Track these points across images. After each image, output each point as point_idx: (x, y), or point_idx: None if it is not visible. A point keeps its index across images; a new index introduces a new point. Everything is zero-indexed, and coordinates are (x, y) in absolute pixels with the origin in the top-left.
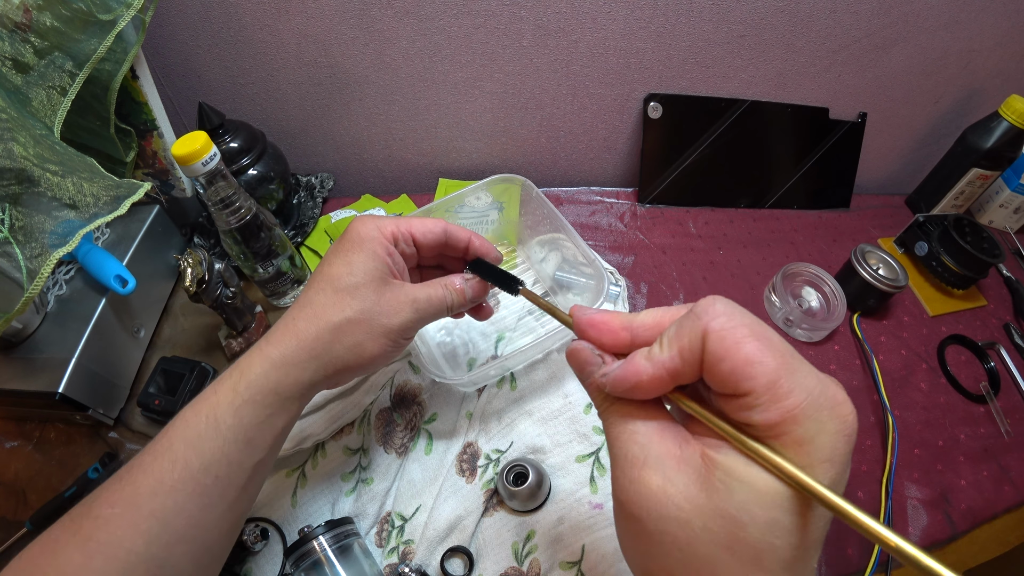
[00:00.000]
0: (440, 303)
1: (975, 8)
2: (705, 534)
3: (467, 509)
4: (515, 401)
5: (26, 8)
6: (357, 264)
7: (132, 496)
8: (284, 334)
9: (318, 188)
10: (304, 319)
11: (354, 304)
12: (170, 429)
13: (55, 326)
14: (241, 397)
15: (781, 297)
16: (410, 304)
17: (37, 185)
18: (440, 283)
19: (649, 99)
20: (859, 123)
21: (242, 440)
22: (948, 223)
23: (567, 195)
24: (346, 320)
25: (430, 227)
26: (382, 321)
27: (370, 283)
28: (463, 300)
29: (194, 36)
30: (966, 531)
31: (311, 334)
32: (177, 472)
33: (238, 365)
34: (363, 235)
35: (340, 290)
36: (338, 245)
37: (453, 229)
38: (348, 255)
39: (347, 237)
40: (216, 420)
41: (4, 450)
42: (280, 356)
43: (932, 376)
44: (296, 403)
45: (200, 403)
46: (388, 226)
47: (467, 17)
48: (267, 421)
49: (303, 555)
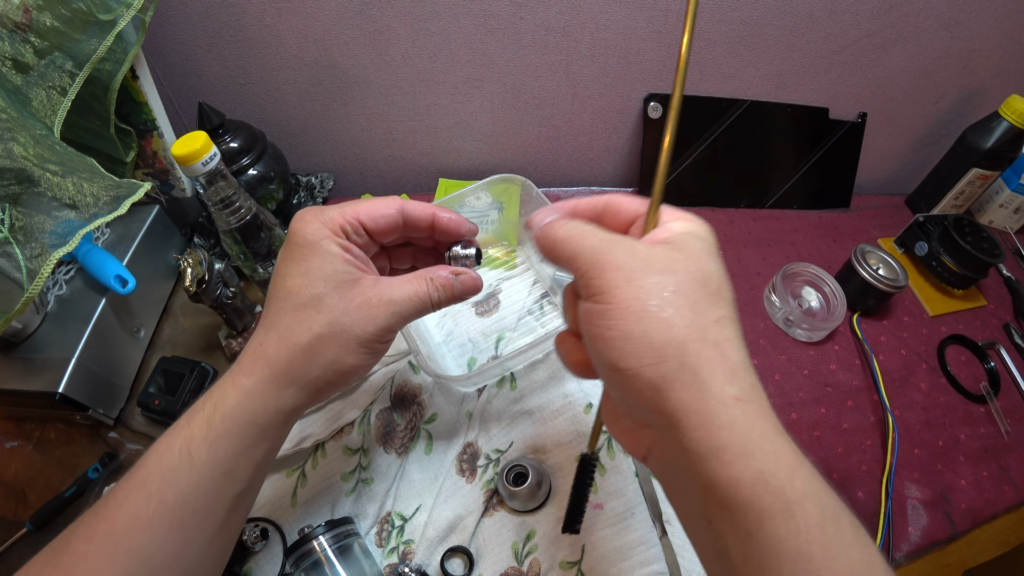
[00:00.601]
0: (423, 301)
1: (975, 8)
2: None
3: (467, 509)
4: (515, 401)
5: (26, 8)
6: (313, 272)
7: (108, 532)
8: (254, 361)
9: (318, 188)
10: (272, 344)
11: (320, 319)
12: (145, 461)
13: (55, 326)
14: (216, 431)
15: (781, 297)
16: (386, 307)
17: (37, 185)
18: (423, 276)
19: (649, 99)
20: (859, 123)
21: (219, 473)
22: (948, 223)
23: (567, 195)
24: (316, 338)
25: (382, 211)
26: (355, 332)
27: (334, 291)
28: (451, 296)
29: (194, 36)
30: (966, 531)
31: (283, 360)
32: (152, 507)
33: (211, 395)
34: (309, 237)
35: (301, 306)
36: (286, 252)
37: (411, 208)
38: (300, 263)
39: (292, 242)
40: (190, 454)
41: (4, 450)
42: (254, 386)
43: (932, 376)
44: (278, 431)
45: (174, 435)
46: (334, 219)
47: (467, 17)
48: (245, 453)
49: (303, 555)
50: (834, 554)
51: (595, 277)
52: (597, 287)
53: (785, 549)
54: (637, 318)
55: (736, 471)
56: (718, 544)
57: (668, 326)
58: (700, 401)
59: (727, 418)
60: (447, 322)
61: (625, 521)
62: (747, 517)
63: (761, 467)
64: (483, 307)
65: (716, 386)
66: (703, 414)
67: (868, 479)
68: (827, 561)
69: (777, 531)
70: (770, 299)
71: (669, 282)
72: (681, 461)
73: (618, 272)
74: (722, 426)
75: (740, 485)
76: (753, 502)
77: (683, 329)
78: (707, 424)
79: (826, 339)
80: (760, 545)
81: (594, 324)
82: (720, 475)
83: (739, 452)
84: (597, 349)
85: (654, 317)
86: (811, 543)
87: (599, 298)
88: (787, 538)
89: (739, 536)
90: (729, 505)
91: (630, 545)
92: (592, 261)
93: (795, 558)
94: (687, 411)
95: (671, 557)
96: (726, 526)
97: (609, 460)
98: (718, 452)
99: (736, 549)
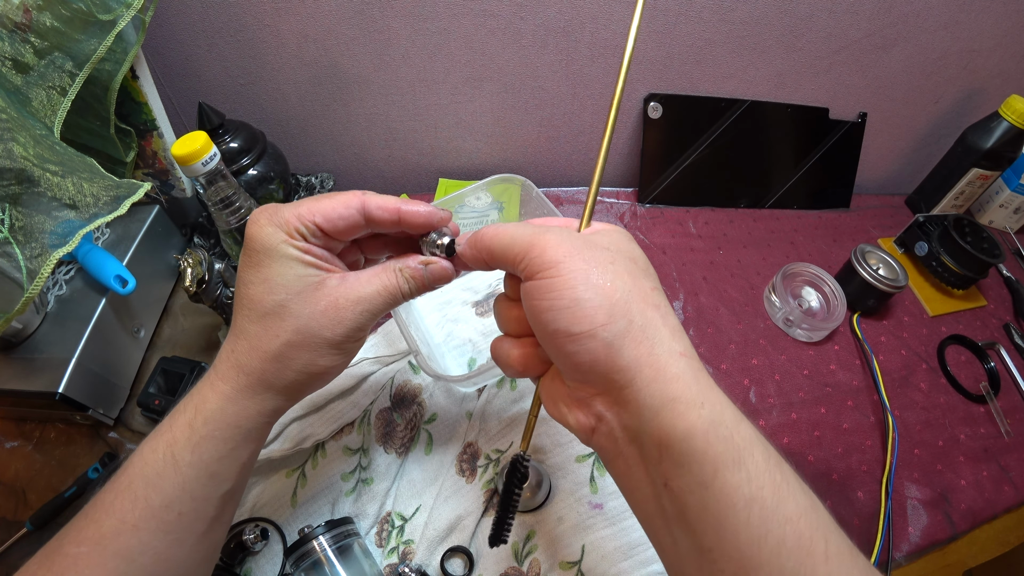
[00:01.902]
0: (392, 295)
1: (975, 8)
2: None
3: (467, 509)
4: (515, 401)
5: (26, 8)
6: (274, 279)
7: (96, 535)
8: (229, 368)
9: (318, 188)
10: (243, 352)
11: (286, 326)
12: (130, 466)
13: (55, 326)
14: (199, 434)
15: (781, 297)
16: (354, 306)
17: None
18: (391, 268)
19: (649, 99)
20: (859, 123)
21: (204, 476)
22: (948, 223)
23: (567, 195)
24: (285, 345)
25: (340, 211)
26: (324, 335)
27: (296, 297)
28: (422, 286)
29: (194, 36)
30: (966, 531)
31: (255, 367)
32: (138, 511)
33: (191, 398)
34: (264, 242)
35: (265, 315)
36: (244, 258)
37: (374, 205)
38: (259, 270)
39: (249, 247)
40: (174, 457)
41: (4, 450)
42: (232, 391)
43: (932, 376)
44: (261, 431)
45: (157, 439)
46: (288, 221)
47: (467, 17)
48: (230, 455)
49: (303, 555)
50: (783, 498)
51: (538, 256)
52: (541, 264)
53: (739, 496)
54: (585, 285)
55: (690, 420)
56: (674, 505)
57: (613, 290)
58: (652, 355)
59: (676, 370)
60: (447, 322)
61: (625, 521)
62: (703, 467)
63: (711, 415)
64: (483, 307)
65: (664, 341)
66: (655, 367)
67: (868, 479)
68: (777, 504)
69: (730, 479)
70: (770, 299)
71: (606, 256)
72: (633, 422)
73: (559, 247)
74: (673, 378)
75: (694, 435)
76: (707, 451)
77: (626, 293)
78: (660, 376)
79: (826, 339)
80: (715, 494)
81: (544, 298)
82: (675, 426)
83: (691, 402)
84: (547, 321)
85: (599, 283)
86: (762, 488)
87: (545, 272)
88: (739, 485)
89: (694, 490)
90: (684, 458)
91: (630, 545)
92: (531, 243)
93: (749, 503)
94: (641, 365)
95: None
96: (680, 481)
97: None
98: (671, 403)
99: (692, 504)
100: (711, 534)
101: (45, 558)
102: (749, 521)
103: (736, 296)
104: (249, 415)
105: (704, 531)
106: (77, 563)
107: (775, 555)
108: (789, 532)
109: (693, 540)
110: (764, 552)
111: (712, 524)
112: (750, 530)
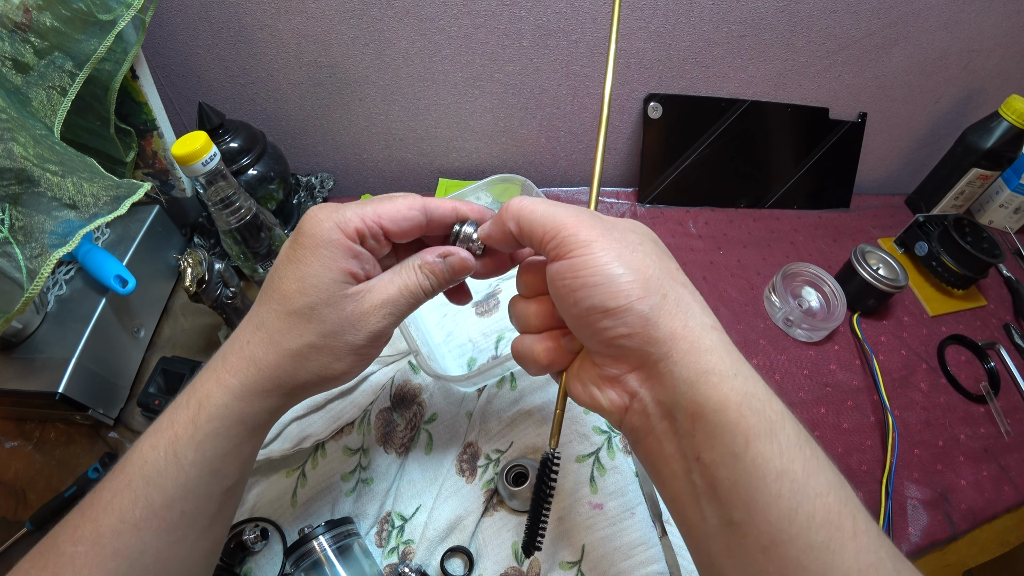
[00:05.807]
0: (415, 294)
1: (975, 8)
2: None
3: (467, 509)
4: (515, 401)
5: (26, 8)
6: (310, 279)
7: (95, 535)
8: (240, 360)
9: (318, 188)
10: (259, 344)
11: (311, 328)
12: (128, 463)
13: (55, 326)
14: (203, 431)
15: (781, 297)
16: (378, 310)
17: (37, 185)
18: (411, 266)
19: (649, 99)
20: (859, 123)
21: (207, 473)
22: (948, 223)
23: (567, 195)
24: (306, 346)
25: (404, 213)
26: (348, 339)
27: (326, 300)
28: (443, 281)
29: (194, 36)
30: (966, 531)
31: (271, 362)
32: (139, 510)
33: (194, 392)
34: (319, 237)
35: (293, 313)
36: (291, 249)
37: (434, 207)
38: (300, 267)
39: (300, 240)
40: (176, 455)
41: (4, 450)
42: (241, 386)
43: (932, 376)
44: (265, 428)
45: (157, 436)
46: (352, 221)
47: (467, 17)
48: (233, 452)
49: (303, 555)
50: (813, 472)
51: (571, 235)
52: (574, 243)
53: (770, 468)
54: (618, 262)
55: (724, 391)
56: (704, 479)
57: (645, 267)
58: (686, 328)
59: (710, 343)
60: (447, 322)
61: (625, 521)
62: (735, 438)
63: (745, 388)
64: (483, 307)
65: (696, 315)
66: (690, 340)
67: (868, 479)
68: (807, 479)
69: (762, 451)
70: (770, 299)
71: (634, 238)
72: (668, 396)
73: (592, 228)
74: (707, 350)
75: (727, 406)
76: (740, 423)
77: (657, 270)
78: (695, 348)
79: (826, 339)
80: (747, 466)
81: (577, 275)
82: (710, 397)
83: (725, 374)
84: (581, 298)
85: (632, 260)
86: (793, 461)
87: (578, 251)
88: (771, 457)
89: (726, 462)
90: (717, 430)
91: (630, 545)
92: (562, 223)
93: (780, 476)
94: (676, 338)
95: (671, 557)
96: (713, 453)
97: (609, 460)
98: (706, 375)
99: (723, 477)
100: (741, 507)
101: (40, 556)
102: (780, 494)
103: (736, 296)
104: (256, 412)
105: (734, 504)
106: (74, 562)
107: (804, 529)
108: (819, 506)
109: (723, 514)
110: (794, 526)
111: (743, 497)
112: (780, 503)
